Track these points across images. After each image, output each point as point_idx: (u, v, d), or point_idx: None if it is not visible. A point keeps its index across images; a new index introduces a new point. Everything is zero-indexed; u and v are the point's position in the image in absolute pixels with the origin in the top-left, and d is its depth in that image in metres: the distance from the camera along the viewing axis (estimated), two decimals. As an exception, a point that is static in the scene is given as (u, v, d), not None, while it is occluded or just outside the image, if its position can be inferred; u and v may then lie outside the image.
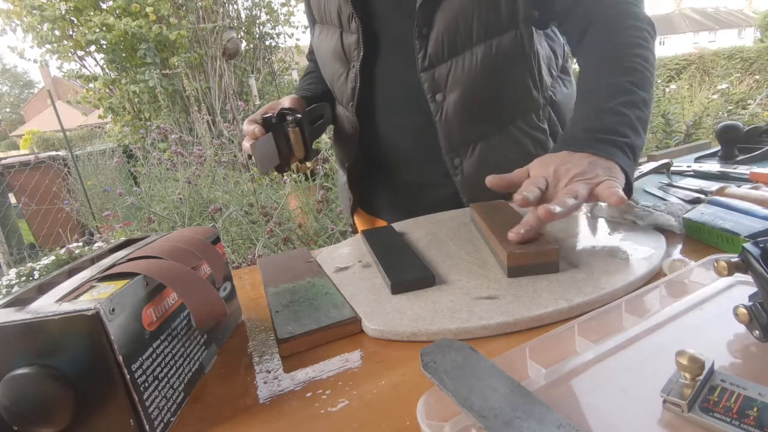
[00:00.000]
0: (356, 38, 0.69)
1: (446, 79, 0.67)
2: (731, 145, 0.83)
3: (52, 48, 5.00)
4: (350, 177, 0.83)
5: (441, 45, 0.66)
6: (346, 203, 0.89)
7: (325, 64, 0.78)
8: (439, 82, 0.68)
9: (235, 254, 1.92)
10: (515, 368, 0.30)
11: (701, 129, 3.71)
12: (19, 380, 0.27)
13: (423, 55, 0.67)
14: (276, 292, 0.50)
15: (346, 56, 0.72)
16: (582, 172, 0.48)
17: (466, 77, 0.67)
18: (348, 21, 0.69)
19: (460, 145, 0.71)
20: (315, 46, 0.80)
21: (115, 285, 0.31)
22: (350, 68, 0.72)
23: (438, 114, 0.69)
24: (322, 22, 0.76)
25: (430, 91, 0.68)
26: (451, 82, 0.67)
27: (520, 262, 0.44)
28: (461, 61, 0.67)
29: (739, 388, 0.25)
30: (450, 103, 0.68)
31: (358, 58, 0.70)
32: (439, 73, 0.67)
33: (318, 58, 0.80)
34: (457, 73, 0.67)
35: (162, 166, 2.69)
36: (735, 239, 0.45)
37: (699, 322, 0.34)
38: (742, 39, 28.61)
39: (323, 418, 0.31)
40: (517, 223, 0.49)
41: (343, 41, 0.71)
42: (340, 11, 0.70)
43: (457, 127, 0.70)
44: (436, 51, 0.66)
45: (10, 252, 3.66)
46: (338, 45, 0.72)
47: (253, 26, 6.23)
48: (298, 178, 2.31)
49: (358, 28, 0.68)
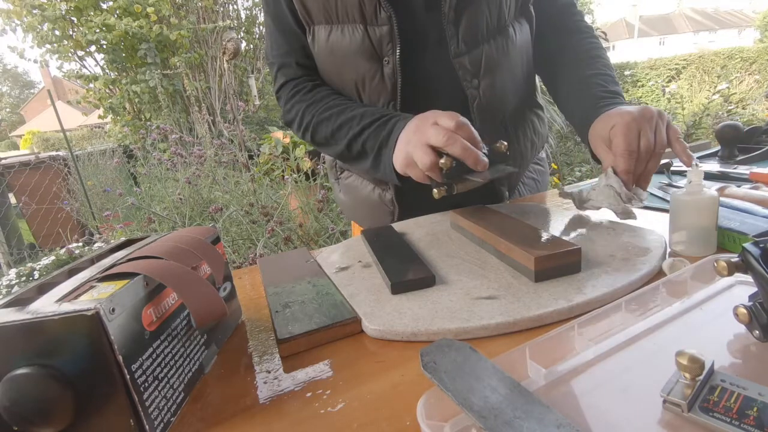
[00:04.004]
0: (387, 30, 0.63)
1: (480, 63, 0.67)
2: (731, 145, 0.83)
3: (52, 48, 5.00)
4: (398, 189, 0.74)
5: (473, 29, 0.65)
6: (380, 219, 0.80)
7: (344, 66, 0.69)
8: (474, 67, 0.67)
9: (236, 254, 1.92)
10: (515, 368, 0.30)
11: (701, 129, 3.71)
12: (19, 380, 0.27)
13: (456, 41, 0.65)
14: (276, 292, 0.50)
15: (377, 52, 0.65)
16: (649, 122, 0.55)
17: (499, 59, 0.68)
18: (375, 13, 0.63)
19: (494, 130, 0.71)
20: (324, 51, 0.70)
21: (115, 285, 0.31)
22: (384, 64, 0.66)
23: (475, 100, 0.68)
24: (329, 21, 0.68)
25: (465, 77, 0.67)
26: (485, 66, 0.67)
27: (546, 265, 0.43)
28: (493, 43, 0.67)
29: (739, 388, 0.25)
30: (485, 87, 0.68)
31: (393, 52, 0.64)
32: (472, 58, 0.66)
33: (329, 62, 0.71)
34: (490, 56, 0.67)
35: (162, 166, 2.69)
36: (741, 238, 0.45)
37: (699, 322, 0.34)
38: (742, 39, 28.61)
39: (323, 418, 0.31)
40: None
41: (371, 36, 0.65)
42: (363, 3, 0.63)
43: (492, 111, 0.69)
44: (468, 35, 0.65)
45: (10, 252, 3.66)
46: (365, 41, 0.65)
47: (253, 26, 6.23)
48: (298, 178, 2.31)
49: (390, 18, 0.62)
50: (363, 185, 0.81)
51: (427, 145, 0.53)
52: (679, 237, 0.48)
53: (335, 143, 0.69)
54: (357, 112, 0.67)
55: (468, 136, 0.52)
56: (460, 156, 0.51)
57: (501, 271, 0.47)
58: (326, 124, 0.70)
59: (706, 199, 0.45)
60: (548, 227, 0.59)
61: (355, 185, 0.83)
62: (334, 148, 0.71)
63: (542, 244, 0.45)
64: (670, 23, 33.06)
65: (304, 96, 0.74)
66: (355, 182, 0.83)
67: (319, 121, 0.71)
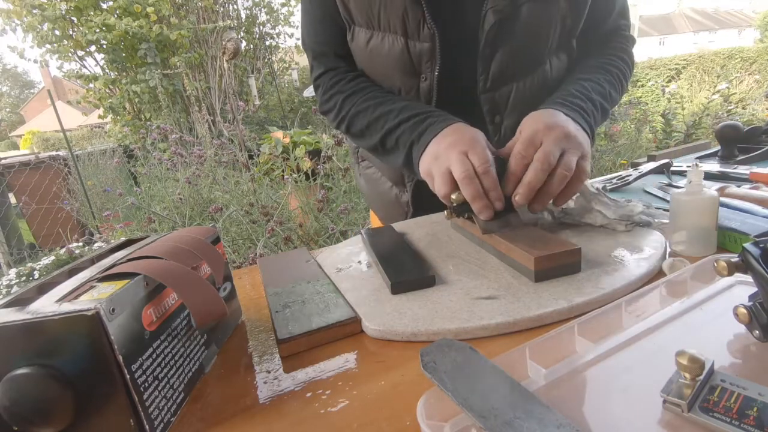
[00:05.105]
0: (429, 48, 0.61)
1: (507, 101, 0.65)
2: (731, 145, 0.84)
3: (52, 48, 5.01)
4: (415, 192, 0.75)
5: (505, 66, 0.63)
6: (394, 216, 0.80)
7: (381, 75, 0.68)
8: (500, 105, 0.65)
9: (236, 254, 1.92)
10: (515, 368, 0.30)
11: (701, 129, 3.72)
12: (19, 380, 0.27)
13: (485, 77, 0.63)
14: (276, 292, 0.50)
15: (416, 67, 0.64)
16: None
17: (527, 99, 0.65)
18: (418, 28, 0.60)
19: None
20: (363, 53, 0.68)
21: (115, 285, 0.31)
22: (421, 80, 0.65)
23: (496, 136, 0.67)
24: (371, 26, 0.65)
25: (490, 114, 0.66)
26: (512, 104, 0.65)
27: (545, 265, 0.43)
28: (523, 83, 0.65)
29: (739, 388, 0.25)
30: (508, 126, 0.66)
31: (432, 70, 0.63)
32: (500, 96, 0.65)
33: (368, 67, 0.69)
34: (518, 95, 0.65)
35: (162, 166, 2.69)
36: (741, 238, 0.45)
37: (699, 322, 0.34)
38: (742, 39, 28.61)
39: (323, 418, 0.31)
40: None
41: (410, 50, 0.62)
42: (407, 16, 0.60)
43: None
44: (499, 72, 0.63)
45: (10, 252, 3.66)
46: (404, 55, 0.63)
47: (253, 26, 6.24)
48: (298, 178, 2.31)
49: (433, 36, 0.60)
50: (382, 181, 0.80)
51: (448, 172, 0.52)
52: (679, 237, 0.48)
53: (370, 135, 0.66)
54: (396, 106, 0.63)
55: (489, 183, 0.50)
56: (468, 200, 0.50)
57: (501, 271, 0.47)
58: (363, 116, 0.66)
59: (706, 199, 0.45)
60: (548, 227, 0.58)
61: (374, 178, 0.81)
62: (368, 141, 0.68)
63: (542, 244, 0.45)
64: (670, 23, 33.06)
65: (344, 86, 0.70)
66: (375, 175, 0.82)
67: (356, 113, 0.67)
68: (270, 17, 6.53)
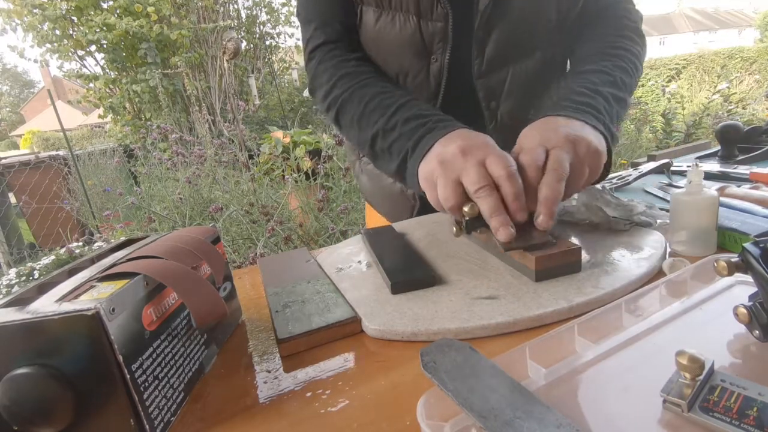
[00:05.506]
0: (442, 27, 0.60)
1: (503, 86, 0.64)
2: (731, 145, 0.84)
3: (52, 47, 5.01)
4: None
5: (501, 49, 0.62)
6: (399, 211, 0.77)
7: (390, 55, 0.65)
8: (495, 90, 0.64)
9: (236, 254, 1.92)
10: (515, 368, 0.30)
11: (701, 129, 3.72)
12: (19, 380, 0.27)
13: (480, 61, 0.62)
14: (276, 291, 0.50)
15: (427, 47, 0.62)
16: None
17: (523, 84, 0.64)
18: (431, 7, 0.59)
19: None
20: (370, 34, 0.65)
21: (115, 285, 0.31)
22: (432, 62, 0.63)
23: (492, 122, 0.66)
24: (380, 5, 0.62)
25: (485, 99, 0.65)
26: (507, 89, 0.64)
27: (546, 265, 0.43)
28: (519, 67, 0.64)
29: (739, 388, 0.25)
30: (504, 112, 0.65)
31: (443, 51, 0.61)
32: (495, 80, 0.64)
33: (373, 49, 0.66)
34: (514, 80, 0.64)
35: (162, 165, 2.69)
36: (741, 238, 0.45)
37: (699, 322, 0.34)
38: (742, 39, 28.61)
39: (323, 418, 0.31)
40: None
41: (422, 30, 0.61)
42: None
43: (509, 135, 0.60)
44: (494, 56, 0.62)
45: (10, 252, 3.66)
46: (416, 35, 0.61)
47: (253, 26, 6.24)
48: (298, 178, 2.31)
49: (447, 15, 0.59)
50: (385, 175, 0.76)
51: (458, 181, 0.45)
52: (679, 237, 0.48)
53: (360, 129, 0.59)
54: (399, 102, 0.57)
55: (514, 190, 0.43)
56: (486, 215, 0.43)
57: (501, 271, 0.47)
58: (357, 103, 0.59)
59: (706, 199, 0.45)
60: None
61: (377, 173, 0.78)
62: (357, 135, 0.61)
63: (542, 243, 0.45)
64: (670, 23, 33.05)
65: (341, 63, 0.64)
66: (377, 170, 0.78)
67: (349, 97, 0.61)
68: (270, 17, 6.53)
